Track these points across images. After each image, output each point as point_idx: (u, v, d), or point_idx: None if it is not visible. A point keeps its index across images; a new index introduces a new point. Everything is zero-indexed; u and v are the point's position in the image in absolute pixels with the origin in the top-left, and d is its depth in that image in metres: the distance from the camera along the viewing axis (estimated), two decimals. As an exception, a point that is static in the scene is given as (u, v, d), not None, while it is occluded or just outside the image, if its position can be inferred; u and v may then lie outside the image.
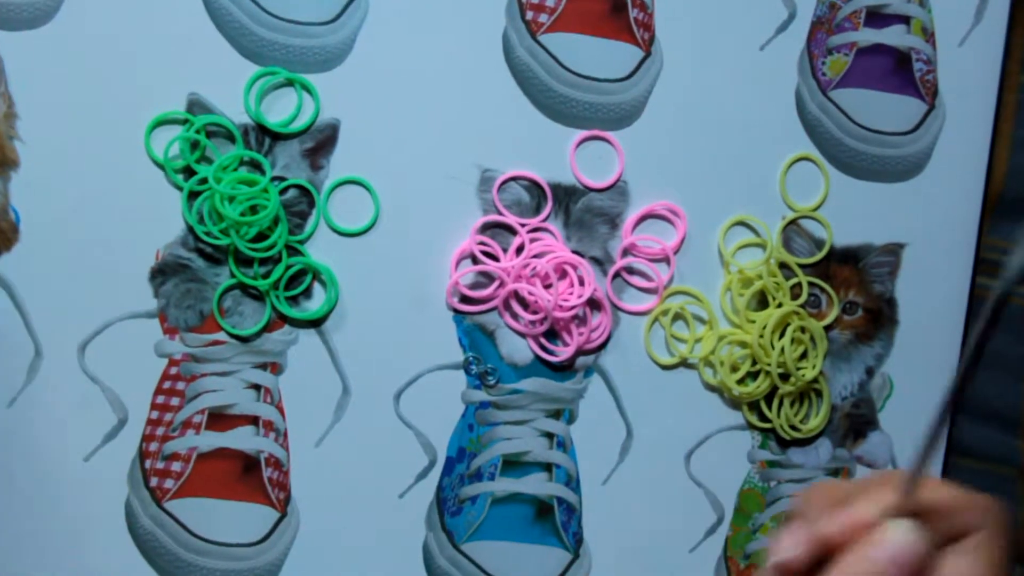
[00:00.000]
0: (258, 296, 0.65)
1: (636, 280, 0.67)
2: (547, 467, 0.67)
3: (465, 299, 0.66)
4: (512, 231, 0.66)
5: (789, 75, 0.68)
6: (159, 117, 0.64)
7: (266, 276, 0.64)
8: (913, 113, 0.69)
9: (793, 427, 0.68)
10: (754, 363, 0.67)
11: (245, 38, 0.64)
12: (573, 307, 0.65)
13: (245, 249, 0.64)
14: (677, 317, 0.68)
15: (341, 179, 0.65)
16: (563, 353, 0.66)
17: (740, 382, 0.67)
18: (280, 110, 0.65)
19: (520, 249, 0.66)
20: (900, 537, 0.49)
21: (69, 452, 0.64)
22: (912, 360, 0.69)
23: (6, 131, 0.63)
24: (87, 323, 0.64)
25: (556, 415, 0.67)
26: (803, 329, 0.67)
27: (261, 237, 0.64)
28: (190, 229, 0.64)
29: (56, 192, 0.63)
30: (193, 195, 0.64)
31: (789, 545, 0.48)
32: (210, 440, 0.65)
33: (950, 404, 0.53)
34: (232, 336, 0.65)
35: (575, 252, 0.66)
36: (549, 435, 0.67)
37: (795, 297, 0.68)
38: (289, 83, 0.65)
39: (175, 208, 0.64)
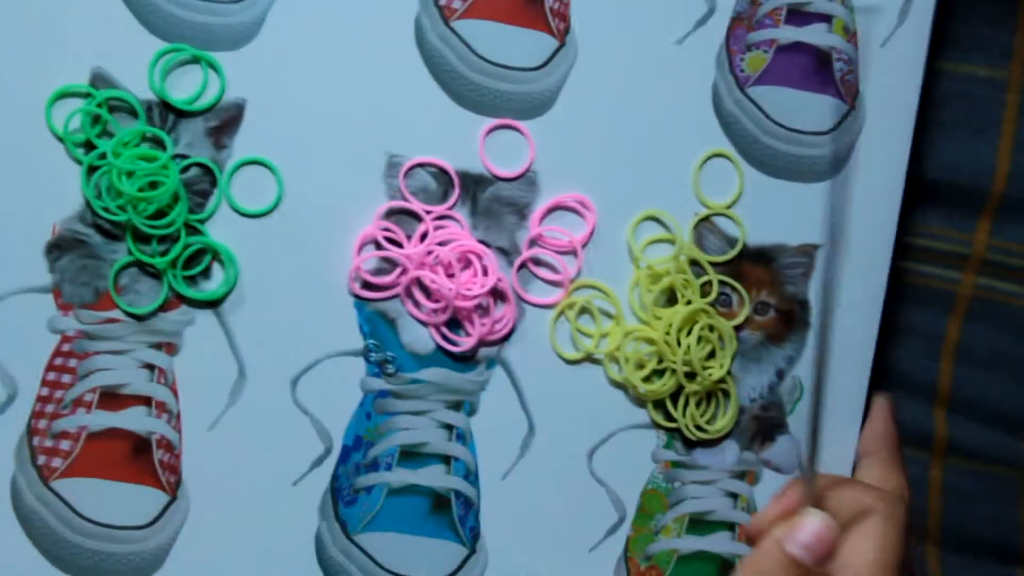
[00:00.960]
0: (155, 275, 0.64)
1: (543, 272, 0.66)
2: (445, 459, 0.65)
3: (367, 285, 0.65)
4: (417, 218, 0.65)
5: (707, 70, 0.67)
6: (60, 89, 0.63)
7: (164, 254, 0.63)
8: (832, 113, 0.68)
9: (699, 428, 0.67)
10: (660, 361, 0.66)
11: (152, 13, 0.64)
12: (475, 297, 0.64)
13: (142, 226, 0.63)
14: (583, 311, 0.66)
15: (244, 159, 0.64)
16: (465, 343, 0.65)
17: (646, 380, 0.66)
18: (186, 87, 0.64)
19: (424, 236, 0.65)
20: (812, 522, 0.55)
21: (-46, 426, 0.63)
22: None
23: (-98, 98, 0.62)
24: (-23, 295, 0.63)
25: (456, 407, 0.66)
26: (711, 328, 0.66)
27: (160, 215, 0.63)
28: (88, 204, 0.63)
29: (-47, 162, 0.62)
30: (92, 170, 0.63)
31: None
32: (101, 419, 0.63)
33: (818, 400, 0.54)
34: (127, 314, 0.64)
35: (481, 241, 0.65)
36: (448, 427, 0.65)
37: (705, 295, 0.66)
38: (195, 60, 0.64)
39: (74, 182, 0.63)
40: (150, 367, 0.64)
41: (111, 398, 0.63)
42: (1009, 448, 0.73)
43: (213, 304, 0.64)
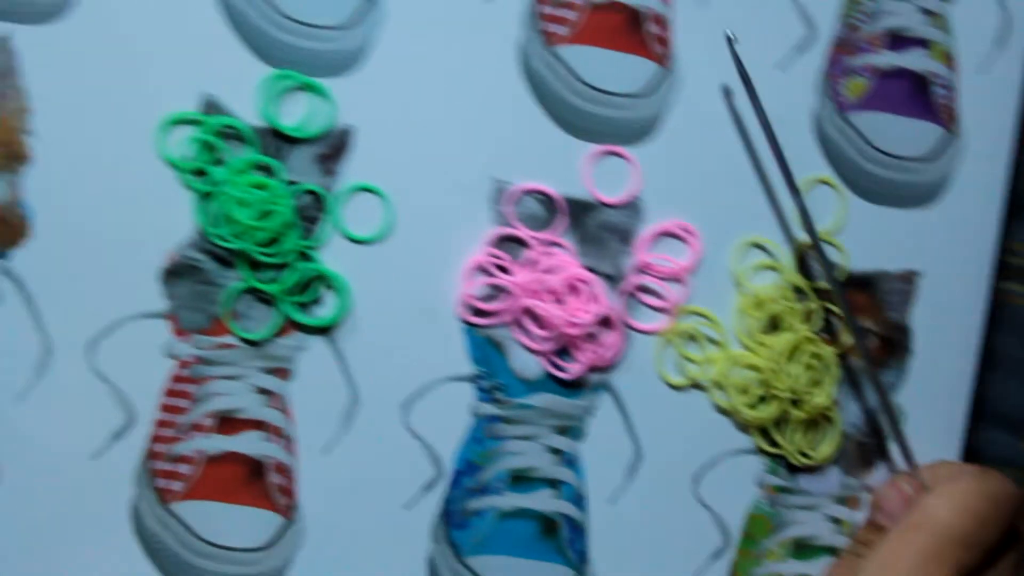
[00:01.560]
0: (269, 301, 0.64)
1: (648, 299, 0.67)
2: (554, 484, 0.66)
3: (476, 311, 0.65)
4: (525, 244, 0.66)
5: (807, 95, 0.68)
6: (173, 116, 0.64)
7: (277, 281, 0.64)
8: (932, 139, 0.68)
9: (803, 454, 0.67)
10: (766, 387, 0.66)
11: (258, 39, 0.64)
12: (584, 324, 0.65)
13: (256, 254, 0.63)
14: (689, 338, 0.67)
15: (354, 186, 0.65)
16: (573, 370, 0.66)
17: (751, 406, 0.66)
18: (294, 114, 0.65)
19: (532, 263, 0.66)
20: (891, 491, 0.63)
21: (76, 450, 0.63)
22: (924, 390, 0.68)
23: (19, 126, 0.62)
24: (96, 321, 0.63)
25: (564, 432, 0.66)
26: (815, 355, 0.66)
27: (272, 242, 0.64)
28: (201, 231, 0.64)
29: (69, 188, 0.63)
30: (205, 197, 0.64)
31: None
32: (217, 443, 0.64)
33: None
34: (242, 340, 0.64)
35: (587, 268, 0.66)
36: (557, 451, 0.66)
37: (808, 322, 0.67)
38: (304, 87, 0.64)
39: (186, 209, 0.64)
40: (265, 392, 0.64)
41: (227, 423, 0.64)
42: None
43: (326, 330, 0.65)
